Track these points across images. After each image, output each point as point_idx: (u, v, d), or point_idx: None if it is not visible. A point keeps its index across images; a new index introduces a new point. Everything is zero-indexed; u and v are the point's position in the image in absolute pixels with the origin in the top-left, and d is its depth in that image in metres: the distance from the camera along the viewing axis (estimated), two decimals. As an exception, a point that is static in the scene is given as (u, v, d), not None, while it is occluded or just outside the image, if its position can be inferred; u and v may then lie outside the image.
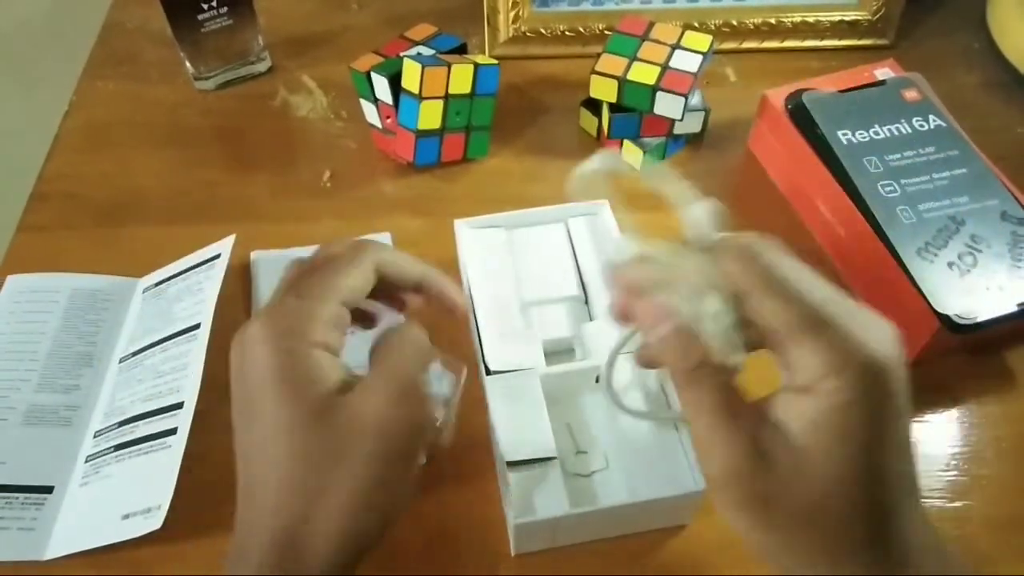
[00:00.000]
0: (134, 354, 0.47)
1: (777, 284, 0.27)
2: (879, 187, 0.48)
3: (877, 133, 0.51)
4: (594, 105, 0.58)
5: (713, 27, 0.65)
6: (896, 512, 0.26)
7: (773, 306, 0.27)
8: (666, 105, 0.55)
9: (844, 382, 0.25)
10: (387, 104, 0.56)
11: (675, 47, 0.57)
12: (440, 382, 0.38)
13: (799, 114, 0.53)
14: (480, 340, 0.42)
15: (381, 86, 0.55)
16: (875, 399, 0.25)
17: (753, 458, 0.26)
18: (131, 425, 0.43)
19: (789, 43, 0.66)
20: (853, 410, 0.25)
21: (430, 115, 0.54)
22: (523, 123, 0.61)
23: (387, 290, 0.35)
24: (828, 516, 0.26)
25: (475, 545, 0.41)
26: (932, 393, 0.46)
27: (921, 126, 0.51)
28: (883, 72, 0.56)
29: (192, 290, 0.48)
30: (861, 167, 0.49)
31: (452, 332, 0.41)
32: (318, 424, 0.29)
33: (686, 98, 0.54)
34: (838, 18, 0.65)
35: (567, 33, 0.66)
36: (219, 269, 0.48)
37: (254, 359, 0.30)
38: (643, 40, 0.57)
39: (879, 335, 0.26)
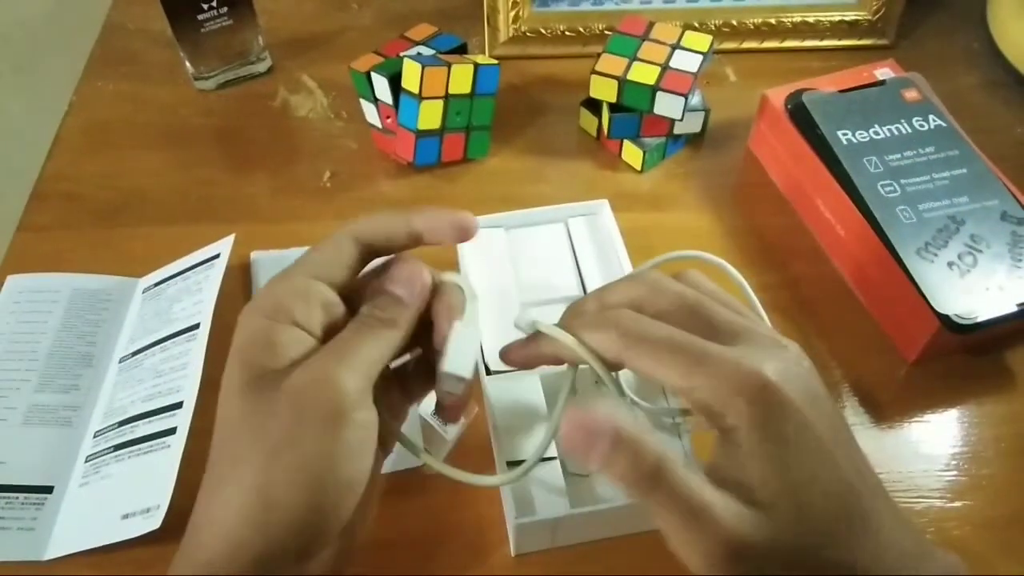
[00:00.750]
0: (134, 354, 0.47)
1: (638, 344, 0.28)
2: (879, 187, 0.48)
3: (877, 133, 0.51)
4: (594, 105, 0.58)
5: (713, 27, 0.65)
6: (866, 516, 0.26)
7: (646, 366, 0.28)
8: (666, 105, 0.55)
9: (744, 408, 0.25)
10: (387, 104, 0.56)
11: (675, 47, 0.57)
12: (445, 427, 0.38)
13: (799, 114, 0.53)
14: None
15: (381, 86, 0.55)
16: (776, 418, 0.25)
17: (733, 555, 0.25)
18: (131, 425, 0.43)
19: (789, 43, 0.66)
20: (764, 433, 0.25)
21: (430, 115, 0.54)
22: (523, 123, 0.61)
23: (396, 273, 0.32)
24: (808, 545, 0.25)
25: (475, 545, 0.41)
26: (932, 393, 0.46)
27: (921, 126, 0.51)
28: (883, 72, 0.56)
29: (192, 290, 0.48)
30: (861, 167, 0.49)
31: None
32: (251, 393, 0.28)
33: (686, 98, 0.54)
34: (838, 18, 0.65)
35: (567, 33, 0.66)
36: (219, 269, 0.48)
37: (235, 335, 0.30)
38: (643, 40, 0.57)
39: (765, 354, 0.27)
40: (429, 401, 0.35)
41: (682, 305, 0.30)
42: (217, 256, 0.49)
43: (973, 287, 0.44)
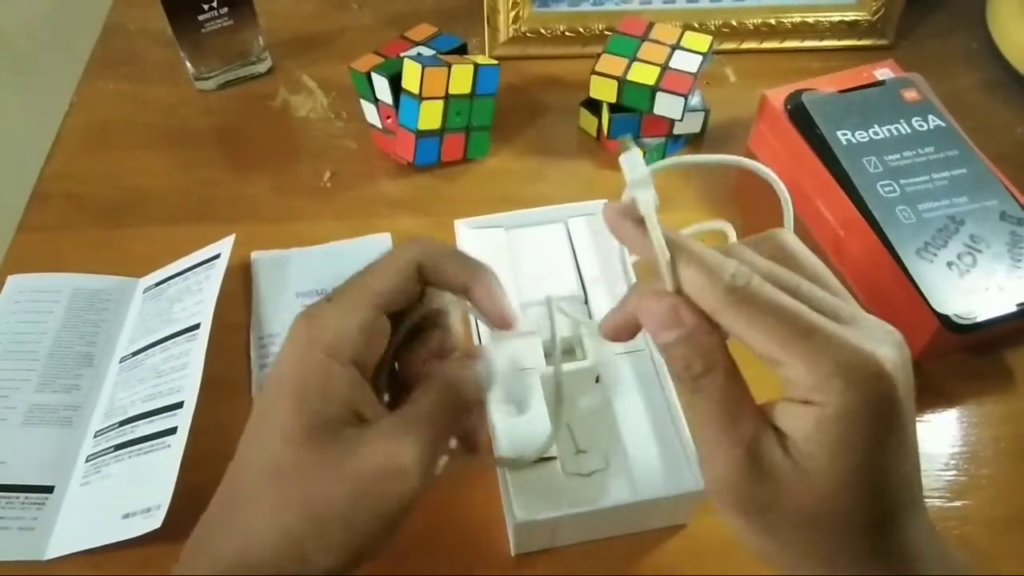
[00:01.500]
0: (134, 354, 0.47)
1: (743, 302, 0.26)
2: (878, 187, 0.48)
3: (876, 133, 0.51)
4: (594, 105, 0.58)
5: (713, 27, 0.65)
6: (896, 521, 0.26)
7: (743, 326, 0.26)
8: (666, 105, 0.55)
9: (840, 393, 0.24)
10: (387, 104, 0.56)
11: (675, 47, 0.57)
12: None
13: (799, 114, 0.53)
14: (479, 340, 0.42)
15: (381, 86, 0.55)
16: (874, 409, 0.25)
17: (751, 467, 0.25)
18: (131, 425, 0.43)
19: (789, 43, 0.66)
20: (851, 421, 0.24)
21: (430, 115, 0.54)
22: (523, 123, 0.61)
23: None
24: (826, 524, 0.25)
25: (475, 545, 0.41)
26: (932, 393, 0.46)
27: (920, 126, 0.52)
28: (883, 72, 0.56)
29: (192, 290, 0.48)
30: (861, 167, 0.49)
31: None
32: (309, 444, 0.27)
33: (686, 98, 0.54)
34: (838, 18, 0.65)
35: (567, 33, 0.66)
36: (219, 269, 0.48)
37: (280, 359, 0.29)
38: (643, 40, 0.57)
39: (878, 341, 0.25)
40: None
41: (779, 284, 0.27)
42: (217, 256, 0.49)
43: (972, 287, 0.44)
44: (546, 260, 0.47)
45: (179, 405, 0.43)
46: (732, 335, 0.26)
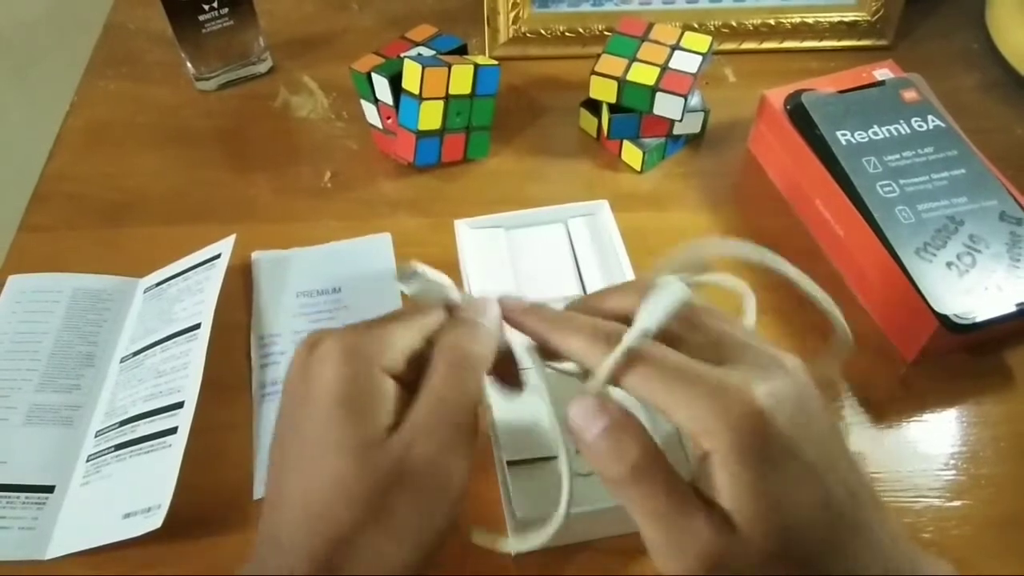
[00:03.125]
0: (135, 354, 0.47)
1: (634, 363, 0.27)
2: (878, 187, 0.49)
3: (876, 133, 0.51)
4: (594, 106, 0.58)
5: (712, 28, 0.65)
6: (836, 548, 0.25)
7: (630, 381, 0.27)
8: (666, 106, 0.55)
9: (721, 435, 0.25)
10: (387, 105, 0.56)
11: (675, 48, 0.57)
12: None
13: (798, 114, 0.53)
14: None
15: (381, 87, 0.55)
16: (755, 444, 0.25)
17: (722, 541, 0.25)
18: (132, 424, 0.43)
19: (788, 44, 0.66)
20: (741, 461, 0.25)
21: (430, 116, 0.54)
22: (523, 123, 0.62)
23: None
24: (777, 573, 0.25)
25: (475, 545, 0.41)
26: (931, 393, 0.46)
27: (920, 127, 0.52)
28: (882, 73, 0.56)
29: (192, 290, 0.48)
30: (860, 167, 0.50)
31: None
32: (364, 459, 0.27)
33: (686, 99, 0.54)
34: (837, 19, 0.66)
35: (567, 34, 0.66)
36: (219, 269, 0.48)
37: (320, 374, 0.29)
38: (643, 41, 0.58)
39: (758, 376, 0.26)
40: None
41: (678, 316, 0.29)
42: (218, 256, 0.49)
43: (972, 287, 0.44)
44: (546, 260, 0.47)
45: (179, 405, 0.43)
46: (626, 390, 0.27)
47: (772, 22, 0.65)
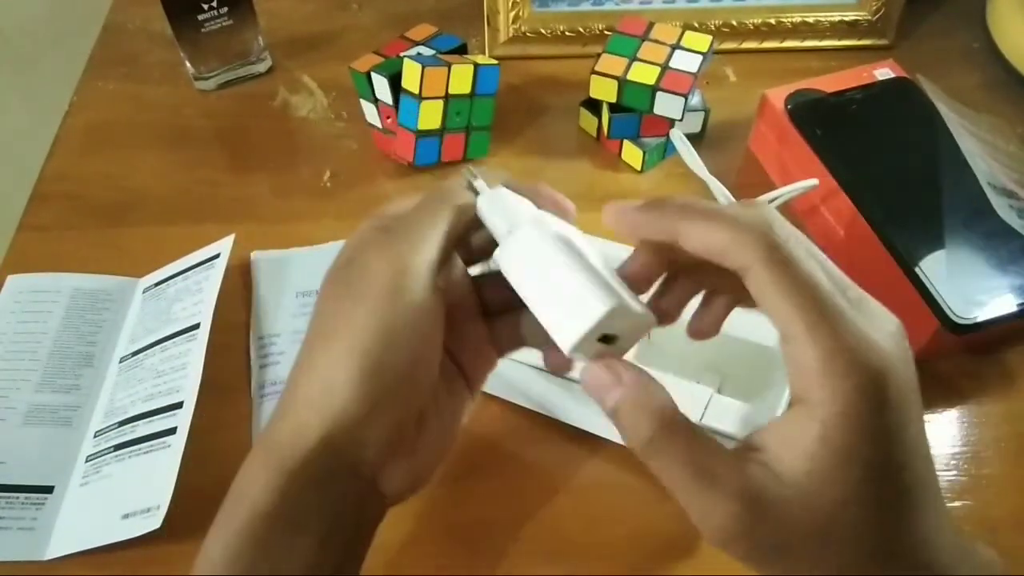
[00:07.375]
0: (134, 354, 0.47)
1: (782, 265, 0.24)
2: (878, 187, 0.48)
3: (876, 133, 0.51)
4: (594, 105, 0.58)
5: (713, 27, 0.65)
6: (910, 525, 0.25)
7: (773, 292, 0.24)
8: (666, 105, 0.55)
9: (839, 396, 0.23)
10: (387, 104, 0.56)
11: (675, 47, 0.57)
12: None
13: (799, 114, 0.53)
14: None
15: (381, 86, 0.55)
16: (875, 410, 0.23)
17: (751, 514, 0.24)
18: (131, 425, 0.43)
19: (789, 43, 0.66)
20: (851, 426, 0.23)
21: (430, 115, 0.54)
22: (523, 123, 0.61)
23: None
24: (836, 537, 0.24)
25: (477, 545, 0.41)
26: (932, 393, 0.46)
27: (920, 126, 0.51)
28: (883, 72, 0.56)
29: (192, 290, 0.48)
30: (860, 167, 0.49)
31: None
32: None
33: (686, 98, 0.54)
34: (838, 18, 0.65)
35: (567, 33, 0.66)
36: (219, 269, 0.48)
37: (365, 263, 0.29)
38: (643, 40, 0.57)
39: (882, 330, 0.24)
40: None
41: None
42: (217, 256, 0.49)
43: (973, 287, 0.44)
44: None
45: (179, 405, 0.43)
46: (755, 297, 0.25)
47: (773, 21, 0.65)
